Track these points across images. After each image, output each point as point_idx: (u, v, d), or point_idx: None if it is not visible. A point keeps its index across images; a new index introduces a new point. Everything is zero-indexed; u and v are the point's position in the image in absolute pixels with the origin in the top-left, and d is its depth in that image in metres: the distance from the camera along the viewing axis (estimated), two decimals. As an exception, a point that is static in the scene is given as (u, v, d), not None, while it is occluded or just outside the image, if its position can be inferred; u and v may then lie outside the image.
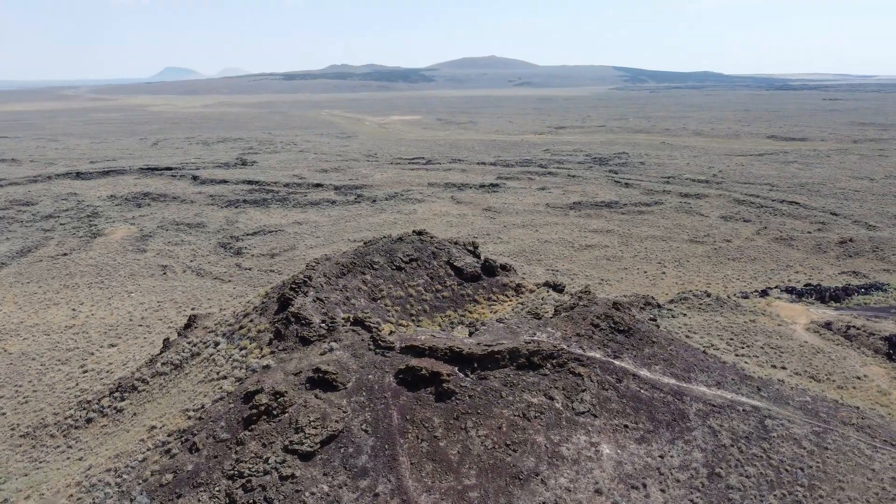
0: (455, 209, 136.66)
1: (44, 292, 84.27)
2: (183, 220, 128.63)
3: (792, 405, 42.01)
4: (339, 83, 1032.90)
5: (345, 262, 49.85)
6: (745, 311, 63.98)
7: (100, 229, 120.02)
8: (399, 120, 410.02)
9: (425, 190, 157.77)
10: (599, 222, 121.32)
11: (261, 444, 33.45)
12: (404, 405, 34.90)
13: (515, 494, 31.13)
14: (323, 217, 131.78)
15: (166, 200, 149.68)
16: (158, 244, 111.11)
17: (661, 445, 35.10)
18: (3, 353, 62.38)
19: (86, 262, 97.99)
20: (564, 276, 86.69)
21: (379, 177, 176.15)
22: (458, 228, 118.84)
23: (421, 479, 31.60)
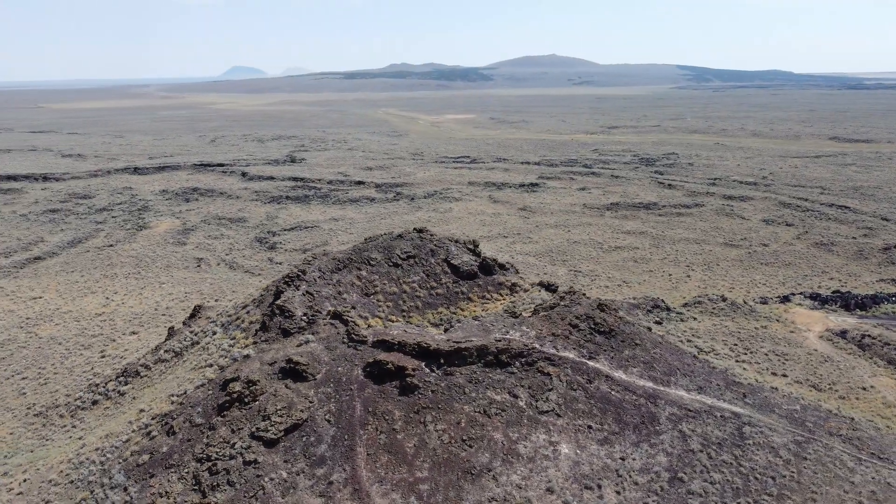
0: (491, 208, 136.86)
1: (84, 281, 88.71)
2: (225, 215, 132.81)
3: (778, 413, 41.06)
4: (398, 82, 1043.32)
5: (341, 258, 51.10)
6: (758, 317, 62.47)
7: (146, 222, 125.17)
8: (452, 119, 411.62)
9: (464, 189, 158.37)
10: (634, 224, 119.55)
11: (230, 430, 34.90)
12: (368, 397, 35.80)
13: (465, 489, 31.63)
14: (360, 214, 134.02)
15: (213, 195, 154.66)
16: (199, 237, 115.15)
17: (624, 447, 34.96)
18: (34, 337, 66.25)
19: (127, 254, 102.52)
20: (586, 278, 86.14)
21: (421, 175, 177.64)
22: (489, 227, 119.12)
23: (375, 469, 32.43)
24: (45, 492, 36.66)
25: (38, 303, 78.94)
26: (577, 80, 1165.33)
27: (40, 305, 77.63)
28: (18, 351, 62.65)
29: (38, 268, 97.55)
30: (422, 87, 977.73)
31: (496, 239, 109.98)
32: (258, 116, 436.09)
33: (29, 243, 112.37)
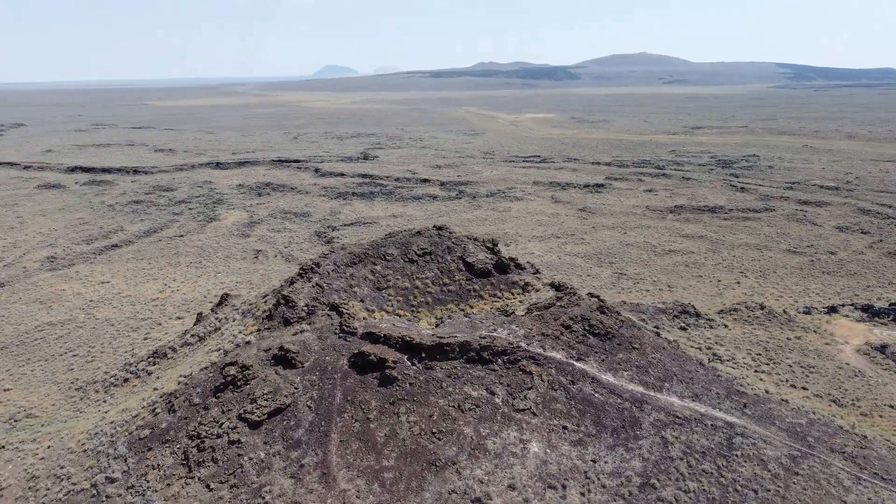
0: (550, 208, 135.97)
1: (149, 268, 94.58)
2: (291, 209, 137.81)
3: (778, 426, 39.67)
4: (484, 81, 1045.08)
5: (357, 252, 52.71)
6: (794, 327, 60.03)
7: (217, 215, 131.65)
8: (531, 118, 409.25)
9: (528, 188, 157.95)
10: (695, 227, 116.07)
11: (221, 411, 37.05)
12: (349, 387, 37.11)
13: (428, 480, 32.43)
14: (419, 211, 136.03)
15: (284, 190, 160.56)
16: (262, 230, 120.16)
17: (597, 450, 34.80)
18: (92, 318, 71.48)
19: (193, 244, 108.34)
20: (629, 281, 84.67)
21: (487, 174, 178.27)
22: (545, 227, 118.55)
23: (345, 455, 33.72)
24: (62, 458, 40.00)
25: (105, 287, 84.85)
26: (668, 78, 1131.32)
27: (105, 289, 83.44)
28: (75, 331, 67.81)
29: (113, 255, 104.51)
30: (507, 86, 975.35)
31: (548, 239, 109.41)
32: (342, 114, 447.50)
33: (109, 231, 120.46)
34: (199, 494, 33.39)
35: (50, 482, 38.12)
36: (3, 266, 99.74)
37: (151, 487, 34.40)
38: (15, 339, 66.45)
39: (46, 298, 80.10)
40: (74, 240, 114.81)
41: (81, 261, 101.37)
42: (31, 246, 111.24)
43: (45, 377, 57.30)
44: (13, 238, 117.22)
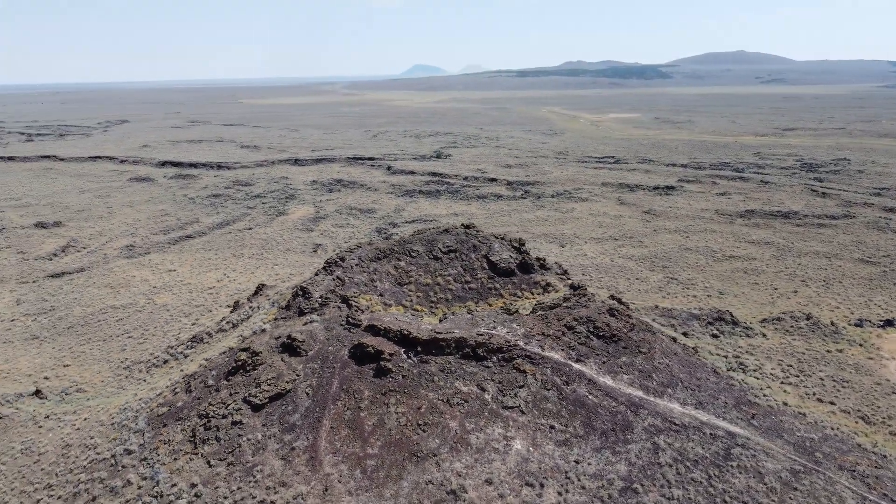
0: (615, 210, 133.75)
1: (215, 259, 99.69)
2: (357, 206, 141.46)
3: (785, 439, 38.34)
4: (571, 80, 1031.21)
5: (383, 248, 54.16)
6: (839, 340, 57.38)
7: (285, 209, 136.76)
8: (614, 118, 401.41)
9: (595, 189, 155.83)
10: (763, 233, 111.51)
11: (229, 393, 39.29)
12: (346, 376, 38.51)
13: (408, 469, 33.40)
14: (481, 210, 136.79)
15: (354, 187, 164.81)
16: (326, 226, 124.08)
17: (582, 451, 34.77)
18: (151, 303, 76.31)
19: (258, 237, 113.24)
20: (679, 286, 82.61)
21: (557, 174, 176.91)
22: (604, 229, 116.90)
23: (333, 441, 35.15)
24: (93, 430, 43.41)
25: (170, 275, 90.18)
26: (766, 77, 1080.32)
27: (170, 277, 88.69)
28: (135, 314, 72.62)
29: (185, 245, 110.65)
30: (594, 86, 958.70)
31: (605, 241, 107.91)
32: (424, 113, 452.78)
33: (186, 223, 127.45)
34: (200, 470, 35.64)
35: (79, 451, 41.50)
36: (87, 253, 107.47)
37: (160, 460, 36.96)
38: (81, 319, 71.86)
39: (116, 283, 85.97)
40: (153, 230, 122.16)
41: (156, 250, 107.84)
42: (115, 235, 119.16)
43: (100, 356, 61.83)
44: (101, 227, 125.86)
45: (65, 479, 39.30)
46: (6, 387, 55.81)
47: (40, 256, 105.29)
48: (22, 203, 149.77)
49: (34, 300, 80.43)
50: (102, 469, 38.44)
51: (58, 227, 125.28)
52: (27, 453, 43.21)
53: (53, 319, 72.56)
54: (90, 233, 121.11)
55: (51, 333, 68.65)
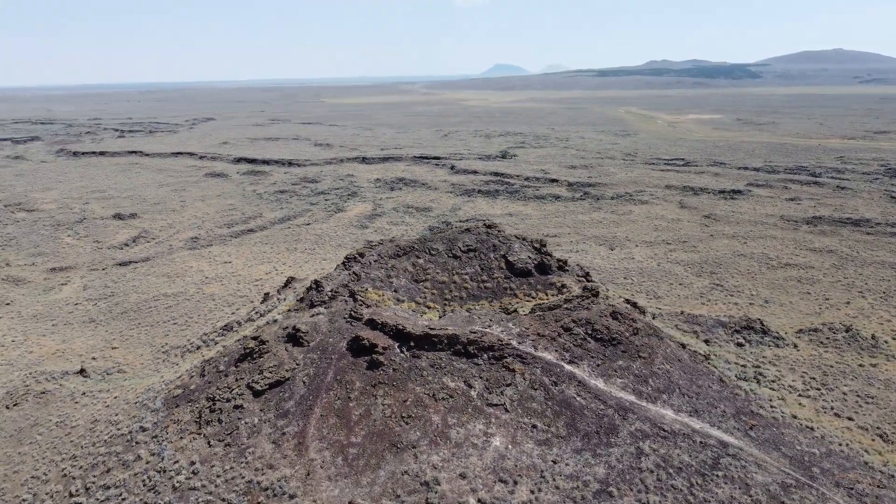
0: (674, 213, 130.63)
1: (269, 252, 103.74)
2: (415, 204, 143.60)
3: (783, 452, 37.25)
4: (654, 80, 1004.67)
5: (403, 245, 55.34)
6: (876, 354, 54.88)
7: (345, 206, 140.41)
8: (694, 119, 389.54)
9: (658, 192, 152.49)
10: (828, 241, 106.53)
11: (235, 378, 41.45)
12: (341, 367, 39.90)
13: (386, 459, 34.48)
14: (537, 211, 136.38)
15: (415, 186, 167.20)
16: (381, 223, 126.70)
17: (562, 452, 34.91)
18: (200, 293, 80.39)
19: (313, 232, 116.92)
20: (723, 292, 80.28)
21: (621, 176, 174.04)
22: (659, 232, 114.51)
23: (321, 429, 36.62)
24: (119, 407, 46.61)
25: (224, 266, 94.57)
26: (865, 77, 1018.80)
27: (224, 268, 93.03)
28: (183, 302, 76.75)
29: (245, 238, 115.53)
30: (678, 86, 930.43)
31: (657, 245, 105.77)
32: (498, 113, 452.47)
33: (249, 217, 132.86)
34: (201, 449, 37.88)
35: (104, 426, 44.70)
36: (155, 243, 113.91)
37: (168, 438, 39.47)
38: (135, 305, 76.53)
39: (173, 273, 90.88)
40: (218, 223, 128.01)
41: (218, 242, 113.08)
42: (183, 227, 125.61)
43: (145, 340, 65.85)
44: (171, 220, 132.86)
45: (87, 451, 42.47)
46: (58, 364, 60.34)
47: (113, 246, 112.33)
48: (105, 195, 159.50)
49: (98, 286, 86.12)
50: (119, 444, 41.33)
51: (133, 219, 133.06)
52: (61, 426, 46.83)
53: (111, 304, 77.58)
54: (161, 224, 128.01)
55: (106, 317, 73.49)
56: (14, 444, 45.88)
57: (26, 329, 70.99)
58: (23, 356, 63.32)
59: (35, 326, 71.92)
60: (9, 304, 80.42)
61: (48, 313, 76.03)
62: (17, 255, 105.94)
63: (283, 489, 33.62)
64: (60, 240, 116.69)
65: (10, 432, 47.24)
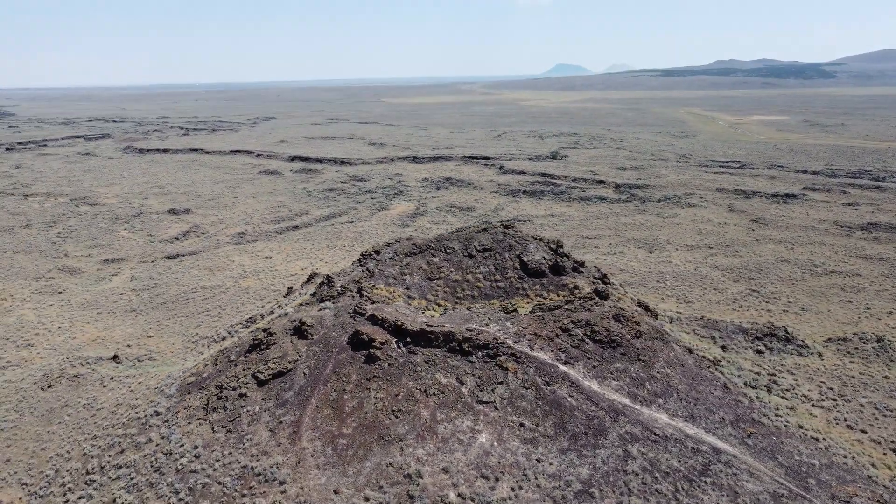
0: (721, 217, 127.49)
1: (309, 248, 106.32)
2: (458, 204, 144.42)
3: (780, 462, 36.43)
4: (720, 80, 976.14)
5: (420, 244, 56.09)
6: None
7: (389, 205, 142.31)
8: (757, 120, 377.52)
9: (707, 195, 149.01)
10: (882, 248, 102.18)
11: (242, 368, 43.10)
12: (340, 360, 40.95)
13: (373, 451, 35.35)
14: (579, 212, 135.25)
15: (461, 186, 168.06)
16: (423, 222, 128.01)
17: (547, 451, 35.06)
18: (236, 286, 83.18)
19: (354, 230, 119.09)
20: (758, 298, 78.14)
21: (672, 178, 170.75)
22: (702, 236, 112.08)
23: (315, 419, 37.77)
24: (141, 392, 49.02)
25: (264, 261, 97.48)
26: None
27: (263, 263, 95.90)
28: (219, 295, 79.61)
29: (289, 235, 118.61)
30: (744, 86, 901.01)
31: (697, 249, 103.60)
32: (555, 113, 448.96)
33: (296, 214, 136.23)
34: (205, 434, 39.61)
35: (125, 409, 47.10)
36: (204, 238, 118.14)
37: (177, 423, 41.40)
38: (175, 297, 79.81)
39: (215, 266, 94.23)
40: (266, 219, 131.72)
41: (263, 238, 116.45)
42: (233, 223, 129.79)
43: (179, 330, 68.69)
44: (222, 215, 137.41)
45: (107, 432, 44.86)
46: (95, 350, 63.61)
47: (164, 239, 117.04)
48: (164, 191, 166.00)
49: (144, 278, 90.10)
50: (135, 426, 43.54)
51: (186, 214, 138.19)
52: (88, 408, 49.53)
53: (152, 295, 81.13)
54: (212, 220, 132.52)
55: (147, 307, 76.92)
56: (45, 423, 48.80)
57: (73, 316, 74.96)
58: (66, 342, 66.98)
59: (81, 314, 75.86)
60: (61, 293, 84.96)
61: (95, 302, 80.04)
62: (76, 247, 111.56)
63: (275, 475, 34.90)
64: (117, 233, 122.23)
65: (42, 412, 50.26)
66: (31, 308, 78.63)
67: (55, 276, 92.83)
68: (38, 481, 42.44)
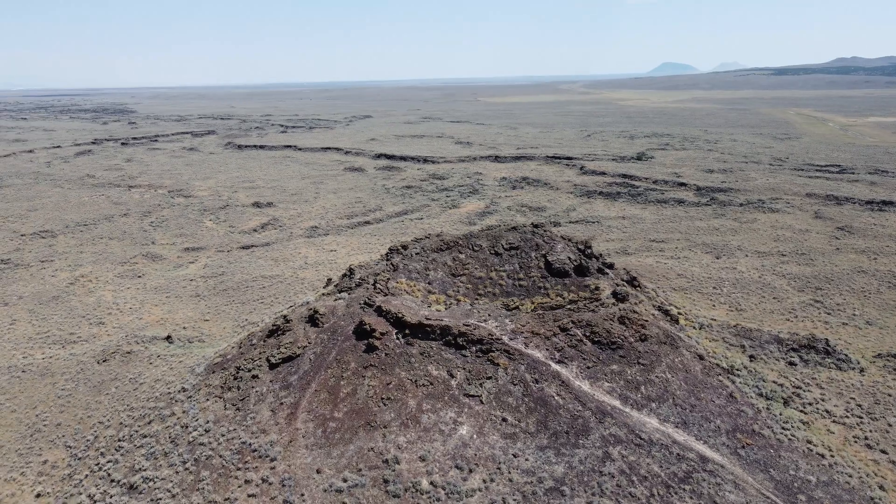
0: (804, 224, 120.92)
1: (374, 243, 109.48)
2: (530, 204, 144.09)
3: (771, 475, 35.21)
4: (839, 79, 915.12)
5: (448, 240, 57.06)
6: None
7: (460, 203, 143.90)
8: (873, 122, 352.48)
9: (795, 200, 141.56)
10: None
11: (259, 352, 45.77)
12: (343, 348, 42.68)
13: (358, 435, 36.87)
14: (652, 215, 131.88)
15: (538, 185, 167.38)
16: (490, 220, 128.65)
17: (525, 447, 35.42)
18: (294, 276, 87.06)
19: (421, 227, 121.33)
20: (819, 310, 74.00)
21: (760, 182, 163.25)
22: (776, 244, 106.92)
23: (312, 402, 39.72)
24: (178, 370, 52.82)
25: (328, 254, 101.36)
26: None
27: (326, 256, 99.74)
28: (277, 284, 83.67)
29: (359, 230, 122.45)
30: (866, 85, 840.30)
31: (768, 256, 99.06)
32: (652, 113, 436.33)
33: (370, 210, 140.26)
34: (217, 410, 42.49)
35: (161, 385, 50.96)
36: (280, 230, 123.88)
37: (197, 399, 44.55)
38: (237, 284, 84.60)
39: (281, 258, 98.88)
40: (340, 214, 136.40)
41: (334, 232, 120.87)
42: (309, 217, 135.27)
43: (233, 315, 72.94)
44: (302, 210, 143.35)
45: (142, 404, 48.76)
46: (155, 331, 68.64)
47: (243, 231, 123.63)
48: (253, 185, 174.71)
49: (215, 266, 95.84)
50: (163, 400, 47.14)
51: (268, 207, 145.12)
52: (132, 382, 53.84)
53: (217, 282, 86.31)
54: (291, 214, 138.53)
55: (210, 293, 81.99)
56: (94, 393, 53.49)
57: (144, 299, 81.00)
58: (133, 321, 72.61)
59: (152, 297, 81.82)
60: (140, 277, 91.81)
61: (167, 287, 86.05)
62: (164, 235, 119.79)
63: (268, 452, 37.12)
64: (202, 223, 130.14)
65: (94, 383, 55.06)
66: (111, 290, 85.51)
67: (139, 262, 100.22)
68: (79, 444, 46.72)
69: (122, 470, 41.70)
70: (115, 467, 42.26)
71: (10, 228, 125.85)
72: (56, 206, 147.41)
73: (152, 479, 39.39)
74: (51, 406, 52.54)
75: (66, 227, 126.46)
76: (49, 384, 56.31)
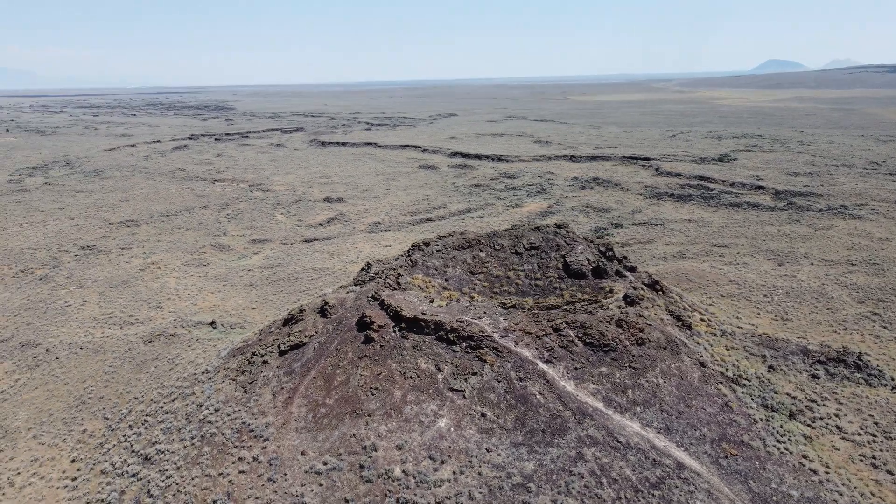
0: (886, 232, 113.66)
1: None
2: (595, 204, 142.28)
3: (750, 487, 34.39)
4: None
5: (469, 238, 57.77)
6: None
7: (524, 202, 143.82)
8: None
9: (883, 207, 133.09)
10: None
11: (273, 339, 48.31)
12: (345, 339, 44.37)
13: (344, 422, 38.52)
14: (722, 219, 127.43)
15: (607, 186, 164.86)
16: (549, 220, 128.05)
17: (499, 442, 36.02)
18: (343, 270, 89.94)
19: (478, 225, 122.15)
20: (874, 322, 69.58)
21: (847, 186, 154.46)
22: (849, 252, 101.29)
23: (308, 388, 41.70)
24: (209, 353, 56.30)
25: (383, 250, 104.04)
26: None
27: (380, 251, 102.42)
28: (324, 276, 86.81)
29: (419, 227, 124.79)
30: None
31: (836, 265, 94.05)
32: (746, 113, 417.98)
33: (434, 208, 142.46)
34: (230, 392, 45.28)
35: (192, 366, 54.53)
36: (344, 225, 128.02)
37: (214, 381, 47.58)
38: (288, 276, 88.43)
39: (337, 252, 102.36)
40: (405, 211, 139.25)
41: (395, 228, 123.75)
42: (376, 213, 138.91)
43: (278, 304, 76.42)
44: (370, 206, 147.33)
45: (172, 383, 52.40)
46: (205, 316, 72.96)
47: (310, 225, 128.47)
48: (328, 181, 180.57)
49: (274, 257, 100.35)
50: (188, 381, 50.52)
51: (338, 203, 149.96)
52: (170, 362, 57.77)
53: (271, 273, 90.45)
54: (358, 209, 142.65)
55: (262, 283, 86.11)
56: (136, 371, 57.75)
57: (203, 286, 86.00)
58: (187, 307, 77.37)
59: (210, 285, 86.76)
60: (205, 266, 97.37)
61: (225, 276, 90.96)
62: (236, 227, 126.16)
63: (262, 433, 39.41)
64: (273, 217, 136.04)
65: (138, 362, 59.41)
66: (175, 277, 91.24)
67: (207, 252, 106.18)
68: (115, 416, 50.75)
69: (142, 442, 45.15)
70: (138, 439, 45.76)
71: (102, 217, 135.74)
72: (145, 198, 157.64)
73: (164, 451, 42.51)
74: (97, 381, 57.11)
75: (151, 217, 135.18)
76: (100, 361, 61.15)
